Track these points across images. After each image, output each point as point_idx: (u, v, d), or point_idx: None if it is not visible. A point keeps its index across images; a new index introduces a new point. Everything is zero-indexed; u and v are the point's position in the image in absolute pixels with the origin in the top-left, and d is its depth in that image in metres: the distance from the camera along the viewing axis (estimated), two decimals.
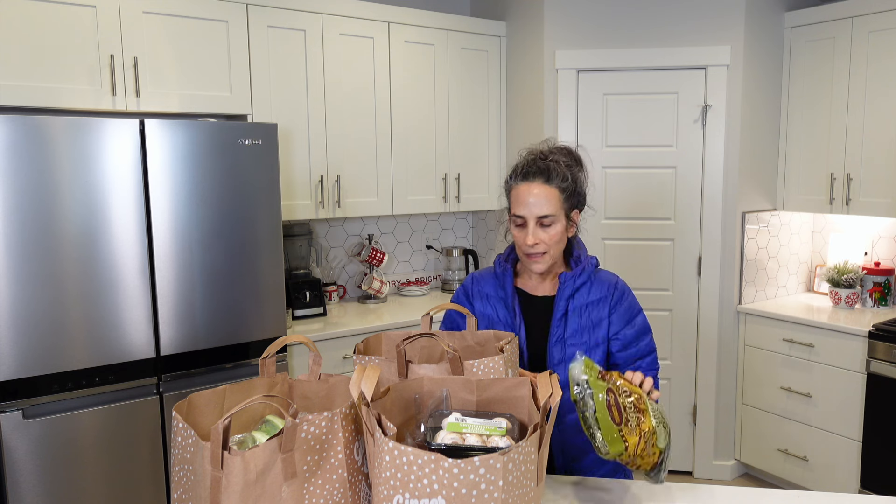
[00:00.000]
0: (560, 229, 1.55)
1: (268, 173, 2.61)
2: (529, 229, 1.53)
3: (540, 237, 1.53)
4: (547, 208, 1.52)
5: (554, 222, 1.53)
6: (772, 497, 1.43)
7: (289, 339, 1.21)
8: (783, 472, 3.34)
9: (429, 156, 3.47)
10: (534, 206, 1.52)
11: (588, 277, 1.61)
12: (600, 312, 1.59)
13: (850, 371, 3.01)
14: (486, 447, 0.98)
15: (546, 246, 1.54)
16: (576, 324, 1.58)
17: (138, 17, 2.59)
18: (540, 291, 1.65)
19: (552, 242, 1.54)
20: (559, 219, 1.54)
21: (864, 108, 3.12)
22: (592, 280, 1.61)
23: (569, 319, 1.58)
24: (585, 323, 1.58)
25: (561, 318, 1.58)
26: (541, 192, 1.52)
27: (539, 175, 1.53)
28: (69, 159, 2.23)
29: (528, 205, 1.53)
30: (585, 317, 1.58)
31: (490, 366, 1.26)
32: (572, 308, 1.59)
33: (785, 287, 3.65)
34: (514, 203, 1.57)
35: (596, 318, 1.59)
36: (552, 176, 1.53)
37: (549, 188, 1.53)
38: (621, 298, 1.61)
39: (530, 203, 1.52)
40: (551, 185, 1.53)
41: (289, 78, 2.99)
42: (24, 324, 2.19)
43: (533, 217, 1.52)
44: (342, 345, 2.99)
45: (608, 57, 3.33)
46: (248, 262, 2.60)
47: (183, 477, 1.00)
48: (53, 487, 2.27)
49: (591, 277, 1.62)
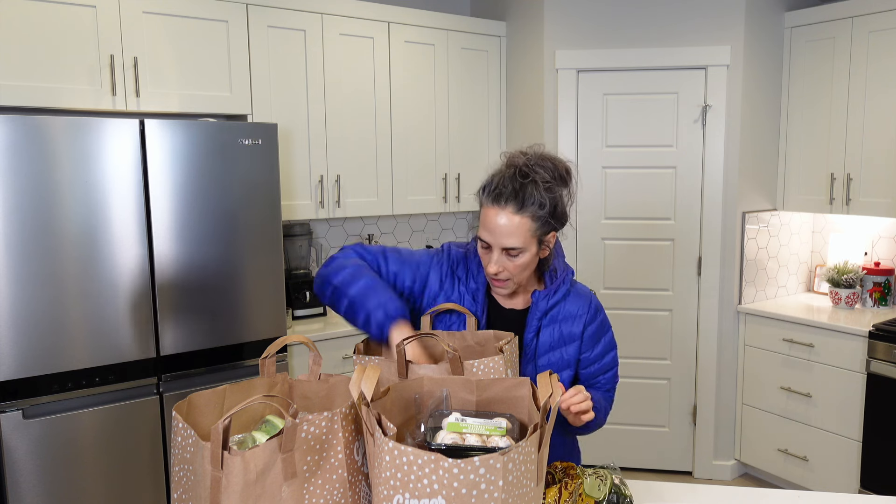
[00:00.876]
0: (527, 258, 1.42)
1: (268, 173, 2.61)
2: (493, 257, 1.41)
3: (504, 265, 1.41)
4: (514, 240, 1.38)
5: (521, 253, 1.40)
6: (772, 497, 1.44)
7: (289, 339, 1.21)
8: (783, 472, 3.34)
9: (429, 156, 3.47)
10: (500, 237, 1.38)
11: (563, 295, 1.52)
12: (573, 328, 1.53)
13: (850, 371, 3.01)
14: (486, 447, 0.98)
15: (510, 273, 1.43)
16: (547, 342, 1.51)
17: (138, 17, 2.59)
18: (509, 304, 1.55)
19: (517, 271, 1.43)
20: (528, 249, 1.40)
21: (864, 108, 3.12)
22: (567, 297, 1.53)
23: (541, 337, 1.51)
24: (557, 340, 1.52)
25: (533, 337, 1.51)
26: (510, 222, 1.37)
27: (512, 200, 1.37)
28: (69, 159, 2.23)
29: (495, 233, 1.38)
30: (557, 334, 1.52)
31: (490, 366, 1.26)
32: (545, 324, 1.51)
33: (785, 287, 3.65)
34: (481, 224, 1.42)
35: (568, 335, 1.52)
36: (526, 203, 1.36)
37: (521, 218, 1.37)
38: (595, 316, 1.55)
39: (496, 232, 1.38)
40: (523, 215, 1.37)
41: (289, 78, 2.99)
42: (24, 324, 2.19)
43: (498, 246, 1.39)
44: (342, 345, 2.99)
45: (608, 57, 3.33)
46: (248, 262, 2.60)
47: (183, 477, 1.00)
48: (53, 487, 2.27)
49: (567, 293, 1.53)
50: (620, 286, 3.51)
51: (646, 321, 3.51)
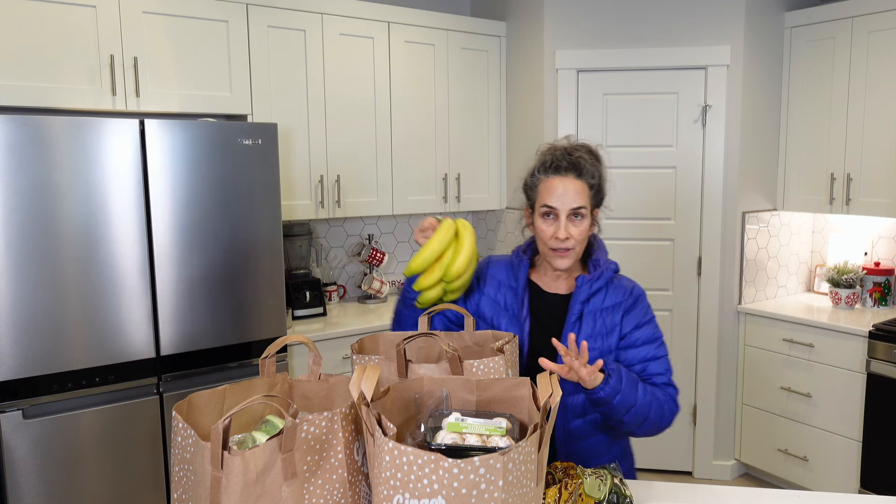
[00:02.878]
0: (588, 225, 1.55)
1: (268, 173, 2.61)
2: (561, 223, 1.52)
3: (570, 231, 1.52)
4: (579, 200, 1.52)
5: (584, 216, 1.53)
6: (772, 497, 1.44)
7: (289, 339, 1.21)
8: (783, 472, 3.34)
9: (429, 156, 3.47)
10: (567, 199, 1.51)
11: (605, 282, 1.59)
12: (614, 318, 1.58)
13: (850, 371, 3.01)
14: (486, 447, 0.98)
15: (575, 241, 1.53)
16: (589, 329, 1.56)
17: (138, 17, 2.59)
18: (553, 288, 1.64)
19: (580, 238, 1.54)
20: (588, 214, 1.54)
21: (864, 107, 3.12)
22: (609, 286, 1.60)
23: (583, 323, 1.56)
24: (599, 329, 1.57)
25: (575, 321, 1.56)
26: (572, 185, 1.52)
27: (571, 169, 1.53)
28: (69, 159, 2.23)
29: (561, 197, 1.52)
30: (599, 323, 1.57)
31: (490, 366, 1.26)
32: (587, 312, 1.57)
33: (785, 287, 3.65)
34: (544, 195, 1.55)
35: (610, 325, 1.57)
36: (583, 171, 1.53)
37: (580, 183, 1.53)
38: (635, 304, 1.60)
39: (563, 195, 1.52)
40: (582, 180, 1.53)
41: (289, 78, 2.99)
42: (24, 324, 2.19)
43: (566, 209, 1.52)
44: (342, 345, 2.99)
45: (608, 57, 3.33)
46: (248, 262, 2.60)
47: (183, 477, 1.00)
48: (53, 487, 2.27)
49: (609, 283, 1.60)
50: None
51: None
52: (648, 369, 1.57)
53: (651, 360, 1.57)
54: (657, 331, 1.61)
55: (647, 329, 1.59)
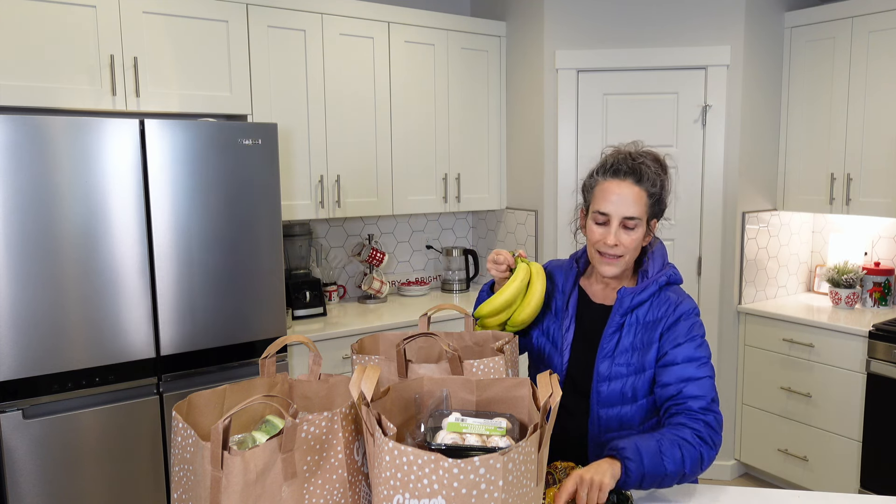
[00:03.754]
0: (640, 235, 1.49)
1: (268, 173, 2.61)
2: (612, 228, 1.46)
3: (621, 239, 1.47)
4: (634, 209, 1.46)
5: (637, 226, 1.47)
6: (772, 497, 1.43)
7: (289, 339, 1.21)
8: (783, 472, 3.34)
9: (429, 156, 3.47)
10: (621, 205, 1.46)
11: (650, 296, 1.51)
12: (653, 335, 1.49)
13: (850, 371, 3.01)
14: (486, 447, 0.98)
15: (624, 249, 1.47)
16: (628, 341, 1.50)
17: (138, 17, 2.59)
18: (600, 298, 1.59)
19: (631, 247, 1.48)
20: (642, 224, 1.48)
21: (864, 107, 3.12)
22: (654, 299, 1.52)
23: (622, 336, 1.50)
24: (637, 343, 1.49)
25: (614, 332, 1.51)
26: (630, 192, 1.46)
27: (630, 174, 1.47)
28: (69, 159, 2.23)
29: (615, 203, 1.46)
30: (639, 337, 1.50)
31: (490, 366, 1.26)
32: (628, 324, 1.51)
33: (785, 287, 3.65)
34: (598, 199, 1.49)
35: (648, 340, 1.49)
36: (643, 178, 1.47)
37: (639, 190, 1.46)
38: (675, 322, 1.48)
39: (617, 201, 1.46)
40: (641, 187, 1.46)
41: (289, 78, 2.99)
42: (24, 324, 2.19)
43: (618, 216, 1.46)
44: (342, 345, 2.99)
45: (608, 57, 3.33)
46: (248, 262, 2.60)
47: (183, 477, 1.00)
48: (53, 487, 2.27)
49: (654, 296, 1.52)
50: None
51: None
52: (685, 391, 1.42)
53: (689, 380, 1.43)
54: (700, 350, 1.46)
55: (686, 347, 1.46)
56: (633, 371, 1.49)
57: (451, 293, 3.80)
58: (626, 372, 1.49)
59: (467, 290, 3.85)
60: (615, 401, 1.49)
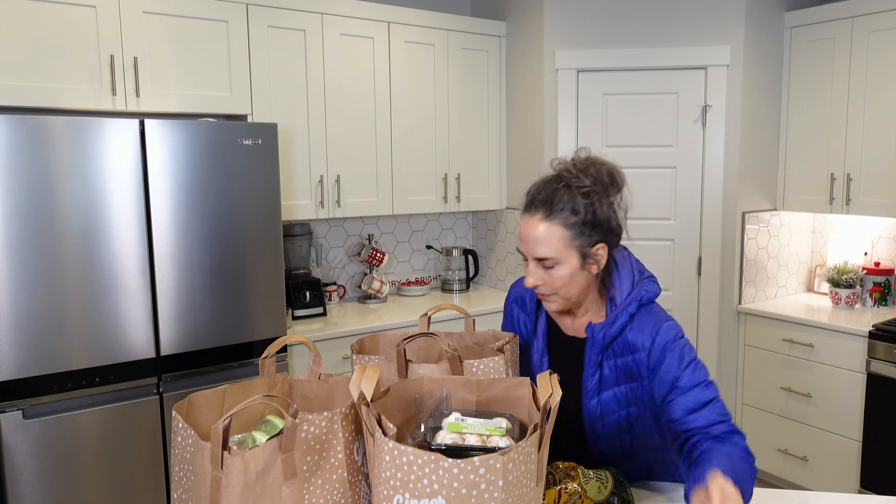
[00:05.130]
0: (567, 271, 1.32)
1: (268, 173, 2.61)
2: (529, 269, 1.34)
3: (542, 277, 1.34)
4: (544, 250, 1.30)
5: (556, 264, 1.31)
6: (772, 497, 1.43)
7: (289, 339, 1.21)
8: (783, 472, 3.34)
9: (429, 156, 3.47)
10: (530, 245, 1.32)
11: (621, 328, 1.37)
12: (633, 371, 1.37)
13: (850, 371, 3.01)
14: (486, 447, 0.98)
15: (551, 288, 1.34)
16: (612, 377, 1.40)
17: (138, 17, 2.59)
18: (571, 330, 1.46)
19: (559, 285, 1.33)
20: (564, 260, 1.31)
21: (864, 107, 3.12)
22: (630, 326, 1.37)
23: (604, 371, 1.40)
24: (620, 376, 1.39)
25: (593, 372, 1.40)
26: (538, 230, 1.30)
27: (541, 207, 1.30)
28: (69, 159, 2.23)
29: (525, 242, 1.33)
30: (622, 366, 1.39)
31: (490, 366, 1.26)
32: (606, 358, 1.40)
33: (785, 287, 3.65)
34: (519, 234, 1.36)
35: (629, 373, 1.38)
36: (555, 209, 1.29)
37: (550, 225, 1.29)
38: (661, 359, 1.34)
39: (526, 241, 1.33)
40: (552, 222, 1.29)
41: (289, 78, 2.99)
42: (24, 324, 2.19)
43: (531, 256, 1.33)
44: (342, 345, 2.99)
45: (608, 57, 3.33)
46: (248, 262, 2.60)
47: (183, 477, 1.00)
48: (53, 487, 2.27)
49: (626, 325, 1.37)
50: None
51: None
52: (698, 422, 1.30)
53: (697, 409, 1.31)
54: (697, 372, 1.33)
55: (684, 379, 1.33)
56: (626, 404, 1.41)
57: (451, 293, 3.80)
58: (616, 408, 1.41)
59: (467, 290, 3.85)
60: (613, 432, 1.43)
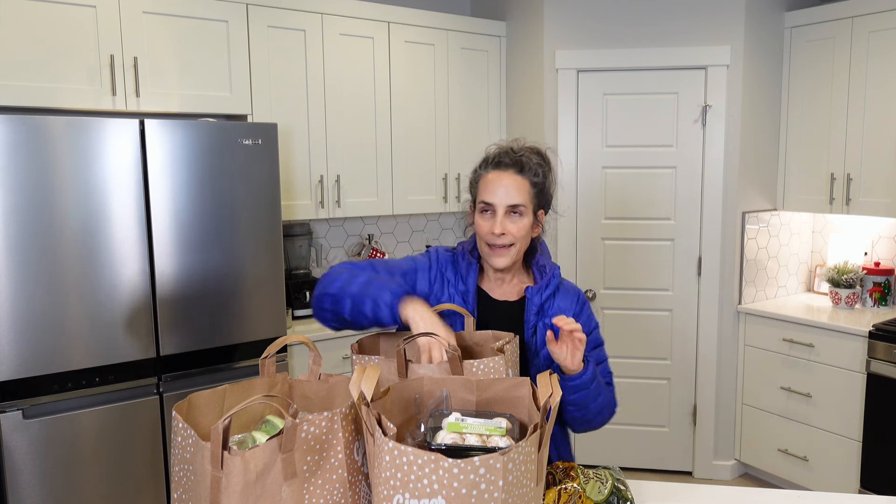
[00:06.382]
0: (528, 223, 1.51)
1: (268, 173, 2.61)
2: (497, 218, 1.48)
3: (508, 228, 1.48)
4: (518, 197, 1.48)
5: (524, 213, 1.49)
6: (772, 497, 1.44)
7: (289, 339, 1.21)
8: (783, 472, 3.34)
9: (429, 156, 3.47)
10: (504, 195, 1.48)
11: (554, 290, 1.57)
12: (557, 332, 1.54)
13: (850, 371, 3.01)
14: (486, 447, 0.98)
15: (513, 238, 1.49)
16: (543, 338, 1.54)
17: (138, 17, 2.59)
18: (499, 294, 1.59)
19: (519, 235, 1.49)
20: (528, 212, 1.50)
21: (864, 108, 3.12)
22: (557, 292, 1.58)
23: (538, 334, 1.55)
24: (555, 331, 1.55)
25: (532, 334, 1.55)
26: (512, 181, 1.49)
27: (512, 166, 1.50)
28: (69, 159, 2.23)
29: (498, 193, 1.48)
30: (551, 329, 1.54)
31: (490, 366, 1.26)
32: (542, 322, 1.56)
33: (785, 287, 3.65)
34: (482, 191, 1.51)
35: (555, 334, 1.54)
36: (524, 168, 1.50)
37: (521, 179, 1.49)
38: (582, 310, 1.60)
39: (500, 191, 1.48)
40: (523, 177, 1.50)
41: (289, 78, 2.99)
42: (24, 324, 2.19)
43: (503, 206, 1.48)
44: (342, 345, 2.99)
45: (608, 57, 3.33)
46: (248, 262, 2.60)
47: (183, 477, 1.00)
48: (53, 487, 2.27)
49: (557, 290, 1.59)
50: (620, 286, 3.51)
51: (646, 321, 3.51)
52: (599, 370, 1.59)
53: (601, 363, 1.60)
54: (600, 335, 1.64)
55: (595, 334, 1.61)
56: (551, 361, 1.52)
57: None
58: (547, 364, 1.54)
59: None
60: None
